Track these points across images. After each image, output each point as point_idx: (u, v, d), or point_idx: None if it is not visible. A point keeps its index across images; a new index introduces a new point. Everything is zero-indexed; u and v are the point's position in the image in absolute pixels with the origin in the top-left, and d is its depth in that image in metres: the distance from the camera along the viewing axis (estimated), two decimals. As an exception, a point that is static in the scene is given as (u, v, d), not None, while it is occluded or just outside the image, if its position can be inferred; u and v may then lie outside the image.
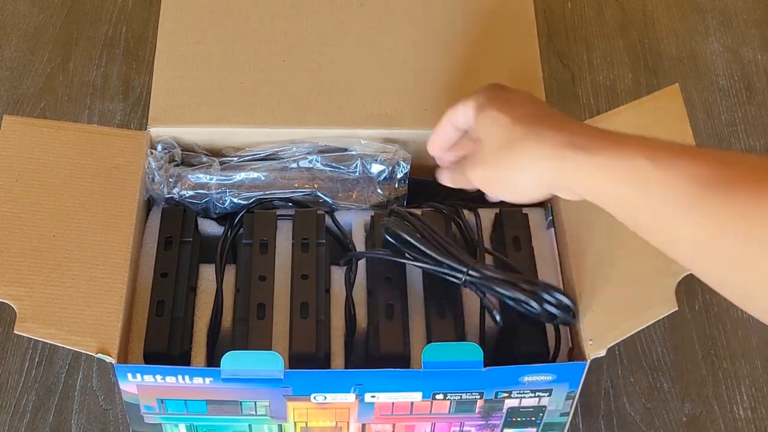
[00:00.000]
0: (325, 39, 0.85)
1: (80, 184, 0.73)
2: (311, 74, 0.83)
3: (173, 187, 0.77)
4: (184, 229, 0.76)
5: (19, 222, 0.70)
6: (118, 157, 0.76)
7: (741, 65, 1.04)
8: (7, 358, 0.83)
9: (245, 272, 0.74)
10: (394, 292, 0.73)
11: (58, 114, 0.98)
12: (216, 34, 0.85)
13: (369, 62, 0.84)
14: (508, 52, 0.85)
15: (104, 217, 0.72)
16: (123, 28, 1.05)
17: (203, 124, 0.80)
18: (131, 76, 1.01)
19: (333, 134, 0.81)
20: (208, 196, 0.78)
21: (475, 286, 0.69)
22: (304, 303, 0.72)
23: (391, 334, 0.71)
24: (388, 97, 0.82)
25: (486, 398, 0.69)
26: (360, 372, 0.67)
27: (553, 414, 0.72)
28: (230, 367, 0.65)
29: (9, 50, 1.03)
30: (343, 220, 0.78)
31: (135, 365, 0.67)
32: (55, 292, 0.67)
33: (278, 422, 0.71)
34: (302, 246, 0.75)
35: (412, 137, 0.81)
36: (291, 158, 0.80)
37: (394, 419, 0.71)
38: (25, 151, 0.74)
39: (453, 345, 0.67)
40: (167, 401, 0.68)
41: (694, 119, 0.99)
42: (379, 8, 0.87)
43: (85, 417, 0.80)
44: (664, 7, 1.09)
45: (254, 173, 0.79)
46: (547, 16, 1.07)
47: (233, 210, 0.79)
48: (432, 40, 0.86)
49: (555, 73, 1.03)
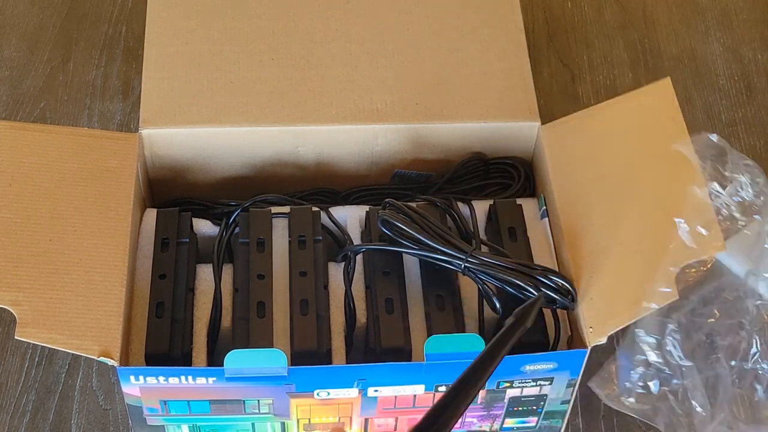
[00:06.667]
0: (313, 36, 0.85)
1: (74, 188, 0.73)
2: (300, 72, 0.83)
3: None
4: (180, 230, 0.75)
5: (14, 227, 0.70)
6: (111, 159, 0.75)
7: (741, 65, 1.05)
8: (7, 358, 0.83)
9: (243, 271, 0.74)
10: (393, 285, 0.73)
11: (58, 114, 0.98)
12: (203, 34, 0.85)
13: (357, 58, 0.84)
14: (496, 44, 0.85)
15: (100, 220, 0.72)
16: (123, 28, 1.05)
17: (194, 125, 0.80)
18: (131, 76, 1.00)
19: (324, 131, 0.81)
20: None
21: (473, 273, 0.70)
22: (304, 300, 0.72)
23: (391, 327, 0.71)
24: (378, 92, 0.82)
25: (488, 388, 0.70)
26: (363, 367, 0.67)
27: (554, 402, 0.72)
28: (233, 366, 0.65)
29: (9, 50, 1.03)
30: (338, 215, 0.79)
31: (137, 367, 0.67)
32: (55, 297, 0.67)
33: (281, 420, 0.71)
34: (299, 243, 0.75)
35: (402, 131, 0.82)
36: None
37: (397, 413, 0.72)
38: (17, 155, 0.74)
39: (455, 336, 0.67)
40: (170, 402, 0.68)
41: (694, 119, 1.00)
42: (366, 4, 0.87)
43: (85, 417, 0.80)
44: (664, 7, 1.10)
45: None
46: (547, 16, 1.08)
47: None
48: (420, 34, 0.86)
49: (555, 73, 1.03)
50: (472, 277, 0.71)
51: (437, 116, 0.81)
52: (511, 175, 0.84)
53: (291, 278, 0.73)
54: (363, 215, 0.79)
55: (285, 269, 0.74)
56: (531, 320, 0.61)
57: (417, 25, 0.86)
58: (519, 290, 0.69)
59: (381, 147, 0.83)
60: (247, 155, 0.83)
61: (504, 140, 0.83)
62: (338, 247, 0.77)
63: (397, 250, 0.73)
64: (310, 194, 0.83)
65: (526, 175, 0.83)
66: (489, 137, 0.83)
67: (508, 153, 0.84)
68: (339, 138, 0.82)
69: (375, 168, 0.85)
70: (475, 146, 0.84)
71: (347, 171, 0.85)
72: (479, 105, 0.82)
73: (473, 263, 0.70)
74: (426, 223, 0.71)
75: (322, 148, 0.83)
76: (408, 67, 0.84)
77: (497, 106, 0.82)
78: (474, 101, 0.82)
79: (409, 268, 0.75)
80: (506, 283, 0.69)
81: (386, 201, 0.74)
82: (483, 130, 0.82)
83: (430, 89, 0.83)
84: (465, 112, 0.82)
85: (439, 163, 0.85)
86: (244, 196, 0.81)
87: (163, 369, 0.66)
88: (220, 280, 0.74)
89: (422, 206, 0.77)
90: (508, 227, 0.77)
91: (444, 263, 0.71)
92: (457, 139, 0.83)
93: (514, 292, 0.69)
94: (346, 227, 0.78)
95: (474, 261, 0.69)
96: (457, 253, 0.70)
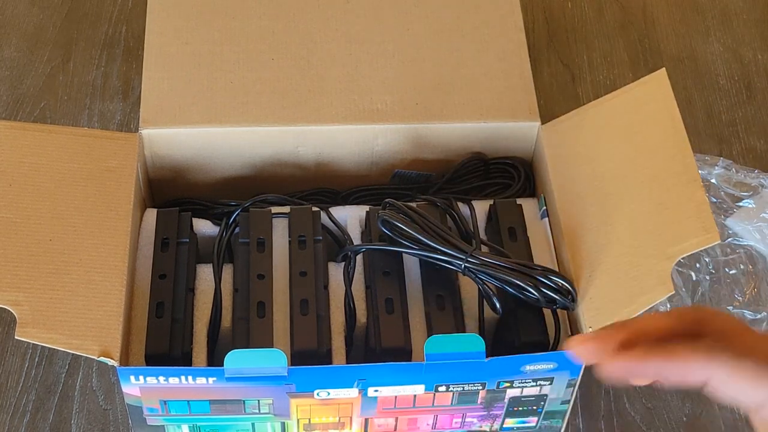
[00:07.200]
0: (313, 36, 0.85)
1: (74, 188, 0.73)
2: (301, 72, 0.83)
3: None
4: (180, 230, 0.75)
5: (14, 227, 0.70)
6: (111, 159, 0.75)
7: (741, 65, 1.05)
8: (7, 358, 0.83)
9: (243, 271, 0.74)
10: (393, 285, 0.73)
11: (58, 114, 0.98)
12: (204, 34, 0.85)
13: (358, 58, 0.84)
14: (496, 44, 0.85)
15: (100, 220, 0.72)
16: (123, 27, 1.05)
17: (195, 125, 0.80)
18: (131, 76, 1.00)
19: (324, 131, 0.81)
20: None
21: (473, 273, 0.70)
22: (304, 300, 0.72)
23: (391, 327, 0.71)
24: (378, 92, 0.82)
25: (488, 389, 0.70)
26: (363, 367, 0.67)
27: (555, 402, 0.72)
28: (233, 366, 0.65)
29: (9, 50, 1.03)
30: (338, 216, 0.79)
31: (137, 367, 0.67)
32: (55, 297, 0.67)
33: (281, 420, 0.71)
34: (299, 243, 0.75)
35: (402, 131, 0.82)
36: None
37: (397, 413, 0.72)
38: (17, 155, 0.74)
39: (455, 336, 0.67)
40: (170, 402, 0.68)
41: (694, 119, 1.00)
42: (366, 4, 0.87)
43: (85, 417, 0.80)
44: (664, 7, 1.10)
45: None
46: (547, 16, 1.08)
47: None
48: (420, 34, 0.86)
49: (555, 73, 1.03)
50: (472, 277, 0.71)
51: (437, 116, 0.81)
52: (511, 175, 0.84)
53: (291, 278, 0.73)
54: (363, 215, 0.79)
55: (285, 269, 0.74)
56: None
57: (417, 25, 0.86)
58: (519, 290, 0.69)
59: (381, 147, 0.83)
60: (247, 155, 0.83)
61: (504, 140, 0.83)
62: (338, 247, 0.77)
63: (397, 250, 0.73)
64: (310, 194, 0.83)
65: (526, 175, 0.83)
66: (489, 137, 0.83)
67: (508, 153, 0.84)
68: (339, 138, 0.82)
69: (375, 168, 0.85)
70: (475, 146, 0.84)
71: (347, 171, 0.85)
72: (479, 105, 0.82)
73: (473, 263, 0.70)
74: (426, 223, 0.71)
75: (322, 148, 0.83)
76: (408, 67, 0.84)
77: (497, 106, 0.82)
78: (474, 101, 0.82)
79: (409, 268, 0.75)
80: (506, 283, 0.69)
81: (386, 201, 0.74)
82: (483, 130, 0.82)
83: (430, 89, 0.83)
84: (465, 112, 0.82)
85: (439, 163, 0.85)
86: (244, 196, 0.81)
87: (163, 369, 0.66)
88: (220, 280, 0.74)
89: (422, 206, 0.77)
90: (508, 227, 0.77)
91: (444, 263, 0.71)
92: (457, 139, 0.83)
93: (514, 292, 0.69)
94: (346, 227, 0.78)
95: (474, 261, 0.69)
96: (457, 253, 0.70)
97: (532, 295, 0.69)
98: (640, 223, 0.71)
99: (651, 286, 0.68)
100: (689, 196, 0.70)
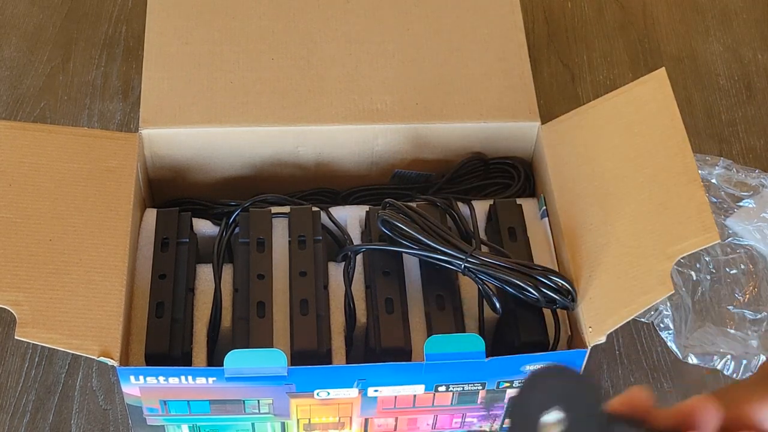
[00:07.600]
0: (313, 36, 0.85)
1: (74, 188, 0.73)
2: (300, 72, 0.83)
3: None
4: (180, 230, 0.75)
5: (14, 227, 0.70)
6: (111, 159, 0.75)
7: (741, 65, 1.05)
8: (7, 358, 0.83)
9: (243, 271, 0.74)
10: (393, 285, 0.73)
11: (58, 114, 0.98)
12: (203, 34, 0.85)
13: (358, 58, 0.84)
14: (496, 44, 0.85)
15: (100, 220, 0.72)
16: (123, 27, 1.05)
17: (194, 125, 0.80)
18: (131, 76, 1.00)
19: (324, 131, 0.81)
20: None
21: (473, 273, 0.70)
22: (304, 300, 0.72)
23: (391, 327, 0.71)
24: (378, 92, 0.82)
25: (488, 389, 0.70)
26: (363, 366, 0.67)
27: (554, 402, 0.72)
28: (233, 366, 0.65)
29: (9, 50, 1.03)
30: (338, 215, 0.79)
31: (137, 367, 0.67)
32: (55, 297, 0.67)
33: (281, 419, 0.71)
34: (299, 243, 0.75)
35: (402, 131, 0.82)
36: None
37: (397, 413, 0.72)
38: (17, 155, 0.74)
39: (455, 336, 0.67)
40: (170, 402, 0.68)
41: (694, 119, 1.00)
42: (366, 4, 0.87)
43: (85, 417, 0.80)
44: (664, 7, 1.10)
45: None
46: (547, 16, 1.08)
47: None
48: (420, 34, 0.86)
49: (555, 73, 1.03)
50: (472, 277, 0.71)
51: (437, 116, 0.81)
52: (511, 175, 0.84)
53: (291, 278, 0.73)
54: (363, 215, 0.79)
55: (285, 269, 0.74)
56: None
57: (417, 25, 0.86)
58: (519, 290, 0.69)
59: (381, 147, 0.83)
60: (247, 155, 0.83)
61: (504, 140, 0.83)
62: (338, 247, 0.77)
63: (397, 250, 0.73)
64: (310, 194, 0.83)
65: (526, 175, 0.83)
66: (489, 137, 0.83)
67: (508, 153, 0.84)
68: (339, 138, 0.82)
69: (375, 168, 0.85)
70: (475, 146, 0.84)
71: (347, 171, 0.85)
72: (479, 105, 0.82)
73: (473, 263, 0.70)
74: (426, 223, 0.71)
75: (322, 148, 0.83)
76: (408, 67, 0.84)
77: (497, 106, 0.82)
78: (474, 101, 0.82)
79: (409, 268, 0.75)
80: (506, 283, 0.69)
81: (386, 201, 0.74)
82: (483, 130, 0.82)
83: (430, 89, 0.83)
84: (465, 112, 0.82)
85: (439, 163, 0.85)
86: (244, 196, 0.81)
87: (163, 369, 0.66)
88: (220, 280, 0.74)
89: (422, 206, 0.77)
90: (508, 227, 0.77)
91: (444, 263, 0.71)
92: (457, 139, 0.83)
93: (514, 292, 0.69)
94: (346, 227, 0.78)
95: (474, 261, 0.69)
96: (457, 253, 0.70)
97: (532, 295, 0.69)
98: (640, 223, 0.71)
99: (651, 285, 0.68)
100: (689, 196, 0.70)
